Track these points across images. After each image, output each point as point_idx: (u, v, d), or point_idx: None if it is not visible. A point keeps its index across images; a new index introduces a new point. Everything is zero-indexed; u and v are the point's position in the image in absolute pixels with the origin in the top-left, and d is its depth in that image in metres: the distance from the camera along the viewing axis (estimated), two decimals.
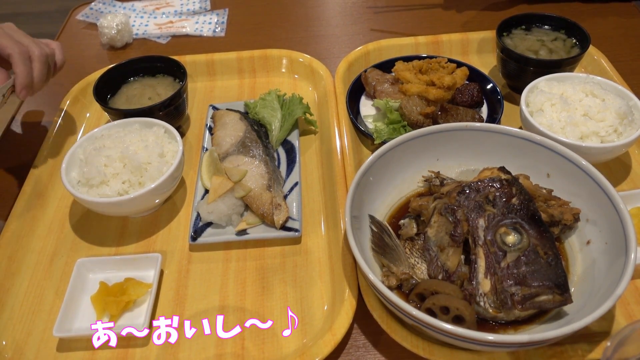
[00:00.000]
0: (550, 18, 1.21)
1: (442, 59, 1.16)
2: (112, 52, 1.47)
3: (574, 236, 0.85)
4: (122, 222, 0.99)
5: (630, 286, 0.84)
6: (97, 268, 0.89)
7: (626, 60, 1.27)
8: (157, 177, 0.92)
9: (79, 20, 1.59)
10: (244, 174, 0.98)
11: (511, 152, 0.92)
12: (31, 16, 3.68)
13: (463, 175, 0.95)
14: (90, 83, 1.21)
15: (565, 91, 1.01)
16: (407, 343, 0.75)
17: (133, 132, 1.00)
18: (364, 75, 1.17)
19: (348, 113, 1.10)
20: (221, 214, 0.93)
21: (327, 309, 0.84)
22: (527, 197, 0.79)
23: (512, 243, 0.75)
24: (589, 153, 0.90)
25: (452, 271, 0.77)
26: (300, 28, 1.53)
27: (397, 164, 0.92)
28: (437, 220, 0.81)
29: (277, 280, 0.89)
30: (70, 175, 0.95)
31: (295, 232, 0.92)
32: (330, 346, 0.76)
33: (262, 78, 1.30)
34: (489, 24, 1.41)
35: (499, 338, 0.66)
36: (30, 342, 0.83)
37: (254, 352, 0.80)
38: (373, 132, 1.05)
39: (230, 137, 1.06)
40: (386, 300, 0.72)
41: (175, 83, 1.16)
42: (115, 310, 0.82)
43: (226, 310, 0.85)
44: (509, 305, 0.72)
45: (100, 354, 0.81)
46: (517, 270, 0.73)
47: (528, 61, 1.12)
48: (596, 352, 0.74)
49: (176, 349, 0.81)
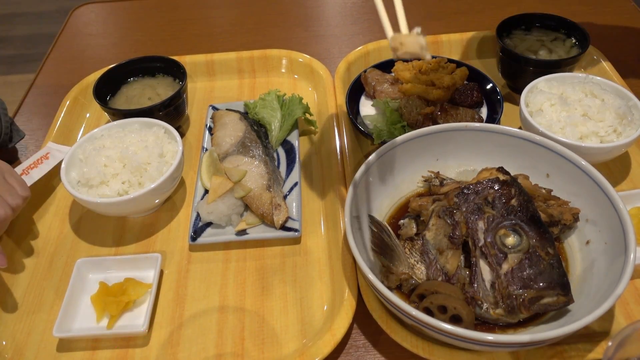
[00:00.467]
0: (550, 18, 1.21)
1: (442, 59, 1.16)
2: (112, 52, 1.47)
3: (574, 236, 0.86)
4: (122, 222, 0.99)
5: (630, 286, 0.84)
6: (97, 268, 0.90)
7: (626, 60, 1.27)
8: (157, 178, 0.92)
9: (79, 20, 1.59)
10: (244, 174, 0.98)
11: (511, 152, 0.92)
12: (31, 16, 3.69)
13: (462, 175, 0.95)
14: (90, 83, 1.21)
15: (564, 91, 1.01)
16: (407, 343, 0.75)
17: (133, 132, 1.00)
18: (363, 76, 1.17)
19: (348, 113, 1.10)
20: (221, 214, 0.93)
21: (326, 309, 0.84)
22: (527, 198, 0.79)
23: (511, 245, 0.75)
24: (588, 153, 0.90)
25: (452, 274, 0.77)
26: (300, 28, 1.53)
27: (397, 164, 0.92)
28: (436, 223, 0.81)
29: (277, 280, 0.89)
30: (70, 175, 0.95)
31: (295, 232, 0.92)
32: (330, 346, 0.76)
33: (262, 78, 1.30)
34: (489, 24, 1.41)
35: (499, 338, 0.66)
36: (30, 342, 0.83)
37: (254, 352, 0.80)
38: (373, 132, 1.05)
39: (230, 137, 1.06)
40: (386, 300, 0.72)
41: (175, 83, 1.16)
42: (115, 310, 0.82)
43: (226, 310, 0.85)
44: (516, 309, 0.72)
45: (100, 354, 0.81)
46: (522, 274, 0.73)
47: (528, 61, 1.12)
48: (596, 352, 0.74)
49: (176, 349, 0.81)
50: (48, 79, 1.39)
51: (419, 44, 0.59)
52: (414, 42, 0.60)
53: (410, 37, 0.60)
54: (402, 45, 0.60)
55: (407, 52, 0.60)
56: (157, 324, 0.84)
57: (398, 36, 0.61)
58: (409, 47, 0.60)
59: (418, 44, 0.59)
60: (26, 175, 1.00)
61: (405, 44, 0.60)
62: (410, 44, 0.60)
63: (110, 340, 0.82)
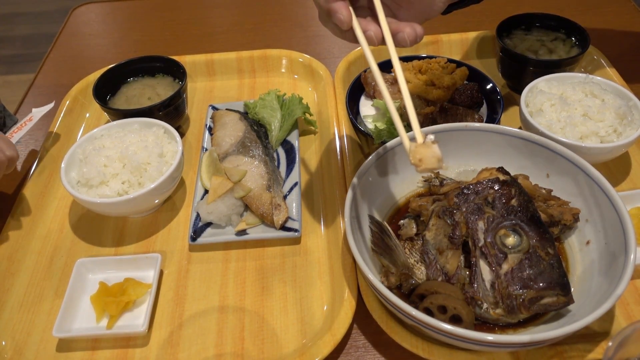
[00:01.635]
0: (550, 18, 1.21)
1: (442, 59, 1.16)
2: (111, 52, 1.47)
3: (574, 236, 0.85)
4: (122, 222, 0.99)
5: (630, 286, 0.84)
6: (97, 268, 0.90)
7: (626, 60, 1.27)
8: (156, 178, 0.92)
9: (79, 20, 1.59)
10: (244, 174, 0.98)
11: (511, 152, 0.92)
12: (31, 16, 3.69)
13: (462, 175, 0.95)
14: (90, 83, 1.21)
15: (564, 91, 1.01)
16: (406, 343, 0.75)
17: (132, 132, 1.00)
18: (363, 76, 1.17)
19: (348, 113, 1.10)
20: (221, 214, 0.93)
21: (326, 309, 0.84)
22: (527, 198, 0.79)
23: (511, 245, 0.75)
24: (588, 153, 0.90)
25: (452, 274, 0.77)
26: (300, 28, 1.53)
27: (397, 164, 0.92)
28: (435, 223, 0.81)
29: (277, 280, 0.89)
30: (70, 175, 0.95)
31: (294, 232, 0.92)
32: (329, 346, 0.76)
33: (262, 78, 1.30)
34: (489, 24, 1.41)
35: (499, 338, 0.66)
36: (30, 342, 0.83)
37: (254, 352, 0.80)
38: (373, 132, 1.05)
39: (230, 137, 1.06)
40: (386, 300, 0.72)
41: (174, 83, 1.16)
42: (115, 310, 0.82)
43: (226, 310, 0.85)
44: (515, 309, 0.72)
45: (100, 354, 0.81)
46: (522, 274, 0.73)
47: (528, 61, 1.12)
48: (596, 352, 0.74)
49: (176, 349, 0.81)
50: (48, 79, 1.39)
51: (435, 157, 0.64)
52: (430, 157, 0.64)
53: (426, 150, 0.64)
54: (421, 162, 0.64)
55: (426, 169, 0.64)
56: (157, 324, 0.84)
57: (416, 150, 0.65)
58: (428, 163, 0.64)
59: (435, 158, 0.64)
60: (10, 138, 1.02)
61: (424, 161, 0.64)
62: (428, 160, 0.64)
63: (110, 340, 0.82)
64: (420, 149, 0.65)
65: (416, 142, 0.66)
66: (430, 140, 0.65)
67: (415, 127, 0.66)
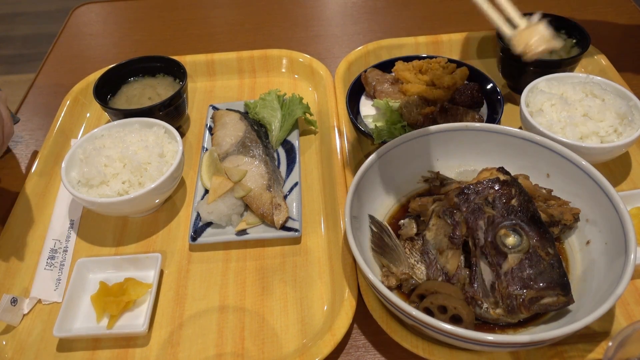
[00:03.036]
0: (550, 18, 1.21)
1: (442, 59, 1.16)
2: (112, 52, 1.47)
3: (574, 236, 0.86)
4: (122, 222, 0.99)
5: (630, 286, 0.84)
6: (97, 268, 0.90)
7: (626, 60, 1.27)
8: (157, 177, 0.92)
9: (79, 20, 1.59)
10: (244, 174, 0.98)
11: (511, 152, 0.92)
12: (31, 16, 3.69)
13: (463, 175, 0.95)
14: (90, 83, 1.21)
15: (565, 91, 1.01)
16: (407, 343, 0.75)
17: (133, 132, 1.00)
18: (364, 76, 1.17)
19: (348, 113, 1.10)
20: (221, 214, 0.93)
21: (327, 309, 0.84)
22: (527, 198, 0.79)
23: (512, 245, 0.75)
24: (588, 153, 0.90)
25: (452, 274, 0.77)
26: (300, 28, 1.53)
27: (397, 164, 0.92)
28: (436, 223, 0.81)
29: (277, 280, 0.89)
30: (70, 175, 0.95)
31: (295, 232, 0.92)
32: (330, 346, 0.76)
33: (262, 78, 1.30)
34: (489, 24, 1.41)
35: (499, 338, 0.66)
36: (30, 342, 0.83)
37: (254, 352, 0.80)
38: (373, 132, 1.05)
39: (230, 137, 1.06)
40: (386, 300, 0.72)
41: (175, 83, 1.16)
42: (115, 310, 0.82)
43: (226, 310, 0.85)
44: (515, 309, 0.72)
45: (100, 354, 0.81)
46: (522, 274, 0.73)
47: (528, 61, 1.12)
48: (596, 352, 0.74)
49: (176, 349, 0.81)
50: (48, 79, 1.39)
51: (544, 37, 0.54)
52: (539, 38, 0.54)
53: (531, 32, 0.54)
54: (528, 47, 0.55)
55: (536, 53, 0.55)
56: (157, 323, 0.84)
57: (519, 37, 0.55)
58: (537, 45, 0.54)
59: (544, 39, 0.54)
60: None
61: (532, 45, 0.54)
62: (536, 43, 0.54)
63: (111, 340, 0.82)
64: (523, 34, 0.56)
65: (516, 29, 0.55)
66: (534, 21, 0.55)
67: (512, 13, 0.57)
